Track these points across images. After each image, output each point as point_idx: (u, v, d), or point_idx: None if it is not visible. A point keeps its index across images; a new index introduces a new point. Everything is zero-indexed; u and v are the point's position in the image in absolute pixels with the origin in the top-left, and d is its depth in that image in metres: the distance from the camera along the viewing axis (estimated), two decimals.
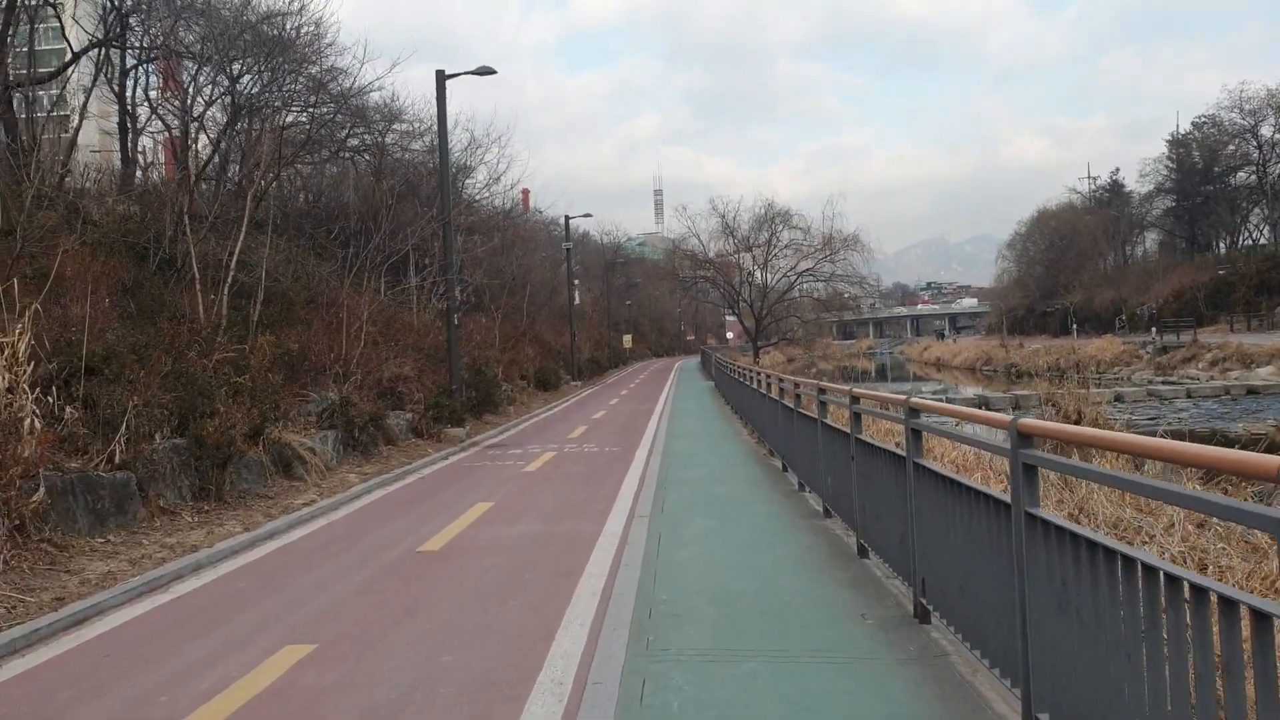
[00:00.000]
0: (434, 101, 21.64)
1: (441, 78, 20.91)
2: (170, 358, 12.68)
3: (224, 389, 12.86)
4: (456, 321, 24.06)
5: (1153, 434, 19.60)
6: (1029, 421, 4.45)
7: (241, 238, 15.90)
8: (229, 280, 15.59)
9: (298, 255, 23.61)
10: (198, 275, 15.08)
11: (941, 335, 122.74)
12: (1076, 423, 31.50)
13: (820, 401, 10.74)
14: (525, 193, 66.49)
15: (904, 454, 6.76)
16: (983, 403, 40.56)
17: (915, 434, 6.60)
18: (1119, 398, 39.70)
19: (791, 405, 13.20)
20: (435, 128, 22.62)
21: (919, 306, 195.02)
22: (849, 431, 8.77)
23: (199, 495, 11.24)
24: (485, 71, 20.76)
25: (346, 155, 34.88)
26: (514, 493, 13.43)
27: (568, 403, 34.47)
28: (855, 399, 8.71)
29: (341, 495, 13.05)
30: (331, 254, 21.21)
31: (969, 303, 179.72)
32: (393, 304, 23.86)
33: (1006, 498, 4.66)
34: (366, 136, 34.89)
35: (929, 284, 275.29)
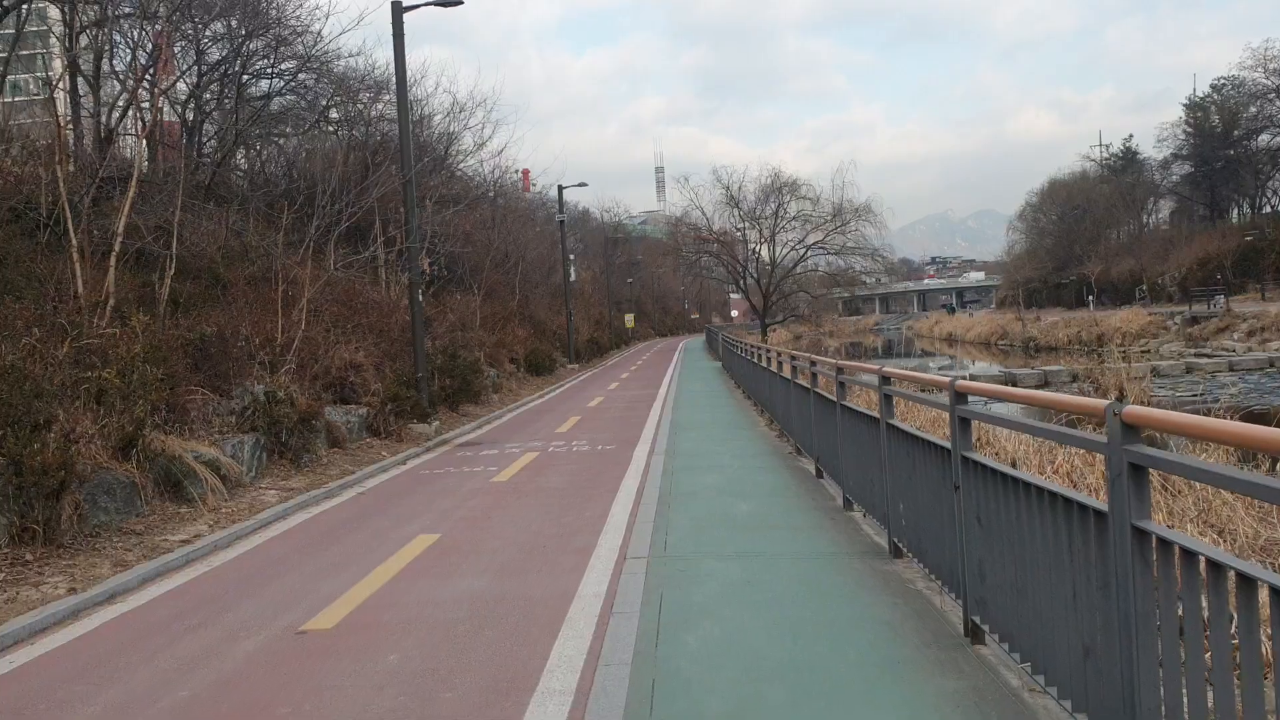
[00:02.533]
0: (426, 76, 18.41)
1: (398, 9, 17.69)
2: (13, 348, 9.55)
3: (86, 387, 9.72)
4: (422, 298, 20.94)
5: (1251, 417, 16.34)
6: None
7: (130, 197, 12.72)
8: (116, 249, 12.40)
9: (245, 226, 20.51)
10: (75, 242, 11.91)
11: (952, 309, 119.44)
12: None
13: (885, 395, 7.57)
14: (525, 173, 63.12)
15: (1104, 508, 3.65)
16: (1009, 379, 37.47)
17: (1138, 473, 3.46)
18: (1156, 372, 36.72)
19: (833, 398, 10.08)
20: (427, 100, 19.46)
21: (925, 281, 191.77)
22: (948, 446, 5.65)
23: (21, 539, 8.08)
24: (450, 1, 17.51)
25: (331, 129, 31.75)
26: (471, 518, 10.25)
27: (562, 388, 31.27)
28: (961, 396, 5.57)
29: (241, 525, 9.87)
30: (281, 225, 17.99)
31: (975, 276, 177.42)
32: (350, 278, 20.63)
33: None
34: (351, 108, 31.74)
35: (933, 259, 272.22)
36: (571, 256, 52.61)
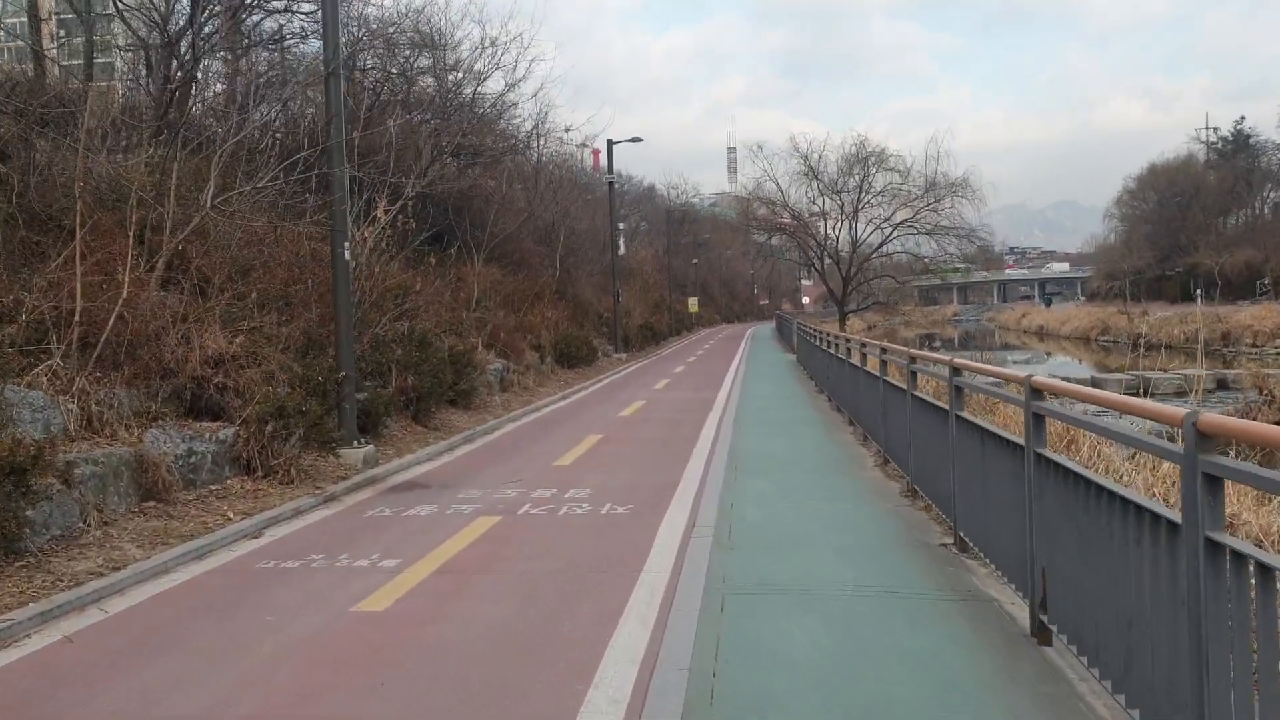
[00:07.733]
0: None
1: None
2: None
3: None
4: (394, 264, 14.75)
5: None
6: None
7: None
8: None
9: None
10: None
11: (1049, 302, 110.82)
12: None
13: None
14: (595, 154, 56.92)
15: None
16: (1144, 384, 30.64)
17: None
18: None
19: (1098, 480, 3.71)
20: (452, 31, 13.34)
21: (1005, 271, 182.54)
22: None
23: None
24: None
25: (367, 79, 25.89)
26: None
27: (596, 386, 24.82)
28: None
29: None
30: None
31: (1059, 268, 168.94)
32: (276, 227, 14.39)
33: None
34: (390, 60, 25.88)
35: (1012, 249, 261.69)
36: (621, 226, 46.05)
